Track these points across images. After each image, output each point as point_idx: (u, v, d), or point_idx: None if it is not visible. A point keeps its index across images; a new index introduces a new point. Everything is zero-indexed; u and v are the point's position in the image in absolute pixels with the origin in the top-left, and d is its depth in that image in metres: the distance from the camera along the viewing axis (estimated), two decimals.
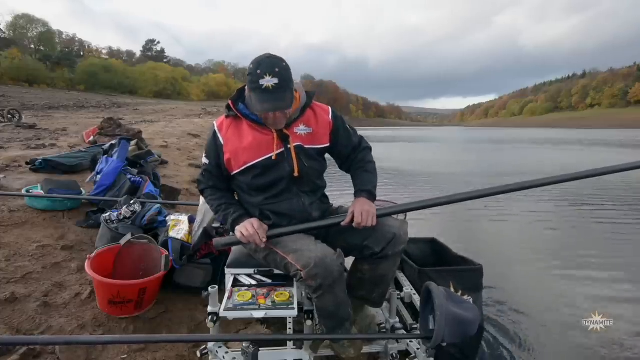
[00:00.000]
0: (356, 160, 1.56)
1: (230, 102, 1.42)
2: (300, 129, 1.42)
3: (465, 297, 1.79)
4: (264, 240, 1.36)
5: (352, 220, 1.35)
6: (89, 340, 1.57)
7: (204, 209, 2.15)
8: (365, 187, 1.47)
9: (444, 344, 1.23)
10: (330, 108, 1.52)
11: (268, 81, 1.24)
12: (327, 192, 1.60)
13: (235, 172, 1.43)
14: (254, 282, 1.49)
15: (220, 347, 1.46)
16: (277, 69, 1.25)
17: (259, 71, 1.25)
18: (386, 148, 20.05)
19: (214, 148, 1.44)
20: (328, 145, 1.49)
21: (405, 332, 1.64)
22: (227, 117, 1.44)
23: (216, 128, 1.44)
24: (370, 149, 1.61)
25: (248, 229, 1.36)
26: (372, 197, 1.45)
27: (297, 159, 1.39)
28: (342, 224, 1.36)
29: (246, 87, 1.37)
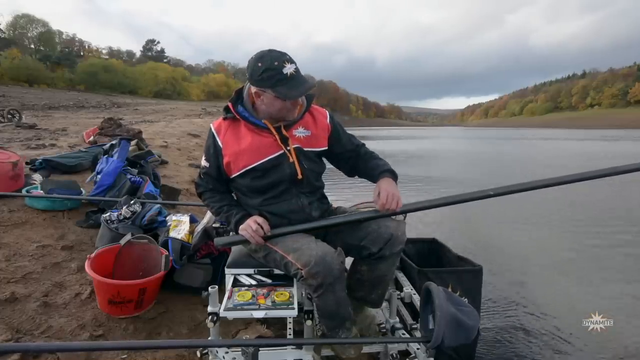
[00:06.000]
0: (361, 154, 1.56)
1: (229, 104, 1.42)
2: (299, 132, 1.42)
3: (464, 298, 1.79)
4: (268, 233, 1.37)
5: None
6: (85, 347, 1.54)
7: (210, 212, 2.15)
8: (385, 167, 1.46)
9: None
10: (327, 112, 1.53)
11: (289, 68, 1.27)
12: (326, 192, 1.60)
13: (234, 175, 1.43)
14: (254, 282, 1.49)
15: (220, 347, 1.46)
16: (287, 56, 1.29)
17: (276, 63, 1.27)
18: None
19: (214, 151, 1.44)
20: (326, 148, 1.49)
21: (405, 332, 1.64)
22: (224, 119, 1.44)
23: (214, 131, 1.43)
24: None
25: (251, 225, 1.36)
26: (394, 177, 1.45)
27: (297, 161, 1.40)
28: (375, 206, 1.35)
29: (253, 90, 1.34)
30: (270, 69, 1.26)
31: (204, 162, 1.48)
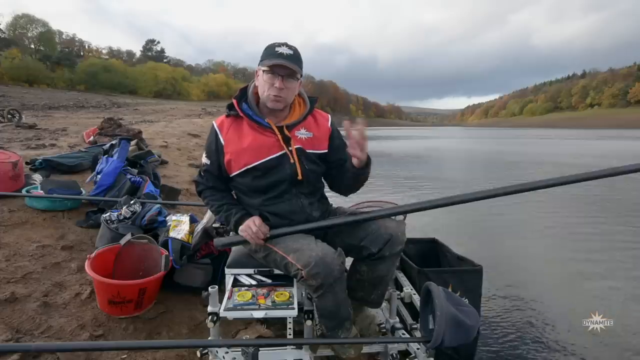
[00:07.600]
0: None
1: (234, 101, 1.42)
2: (302, 133, 1.43)
3: (464, 298, 1.79)
4: (267, 235, 1.36)
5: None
6: (85, 347, 1.54)
7: (210, 212, 2.15)
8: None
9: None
10: (329, 116, 1.53)
11: (283, 49, 1.34)
12: (326, 192, 1.60)
13: (234, 174, 1.43)
14: (254, 282, 1.49)
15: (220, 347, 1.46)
16: (290, 45, 1.36)
17: (275, 43, 1.36)
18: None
19: (215, 148, 1.43)
20: (327, 151, 1.49)
21: (405, 332, 1.64)
22: (227, 116, 1.44)
23: (217, 128, 1.43)
24: None
25: (251, 226, 1.36)
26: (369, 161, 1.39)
27: (298, 162, 1.39)
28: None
29: (250, 87, 1.39)
30: (268, 48, 1.36)
31: (204, 159, 1.47)
